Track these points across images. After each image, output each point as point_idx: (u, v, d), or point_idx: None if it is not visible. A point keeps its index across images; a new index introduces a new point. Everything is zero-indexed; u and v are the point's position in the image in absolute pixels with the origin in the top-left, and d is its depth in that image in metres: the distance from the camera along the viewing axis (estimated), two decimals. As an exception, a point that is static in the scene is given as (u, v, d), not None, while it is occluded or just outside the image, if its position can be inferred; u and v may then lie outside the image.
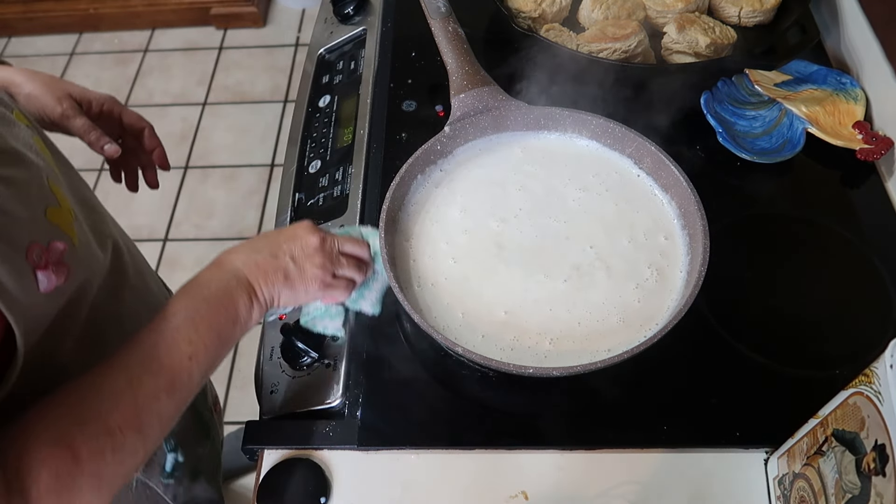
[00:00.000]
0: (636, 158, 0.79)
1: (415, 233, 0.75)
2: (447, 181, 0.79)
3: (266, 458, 0.67)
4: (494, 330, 0.67)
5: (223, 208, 2.06)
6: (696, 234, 0.70)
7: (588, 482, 0.65)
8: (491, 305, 0.69)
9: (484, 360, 0.61)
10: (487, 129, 0.81)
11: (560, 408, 0.70)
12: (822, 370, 0.69)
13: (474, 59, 0.84)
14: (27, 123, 0.58)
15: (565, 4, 0.97)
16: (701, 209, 0.70)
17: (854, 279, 0.77)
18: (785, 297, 0.75)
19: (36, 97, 0.74)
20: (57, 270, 0.51)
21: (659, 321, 0.68)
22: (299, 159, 0.91)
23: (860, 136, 0.85)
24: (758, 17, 0.96)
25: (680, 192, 0.74)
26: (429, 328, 0.63)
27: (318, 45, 1.04)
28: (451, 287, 0.70)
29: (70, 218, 0.55)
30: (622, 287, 0.70)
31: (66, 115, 0.75)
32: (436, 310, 0.69)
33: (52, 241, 0.51)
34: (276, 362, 0.71)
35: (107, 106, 0.80)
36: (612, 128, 0.79)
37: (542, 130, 0.82)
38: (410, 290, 0.70)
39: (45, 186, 0.53)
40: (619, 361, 0.61)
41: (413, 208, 0.76)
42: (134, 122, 0.82)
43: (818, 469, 0.53)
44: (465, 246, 0.74)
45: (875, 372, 0.46)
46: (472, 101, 0.80)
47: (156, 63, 2.42)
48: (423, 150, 0.77)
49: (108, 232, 0.66)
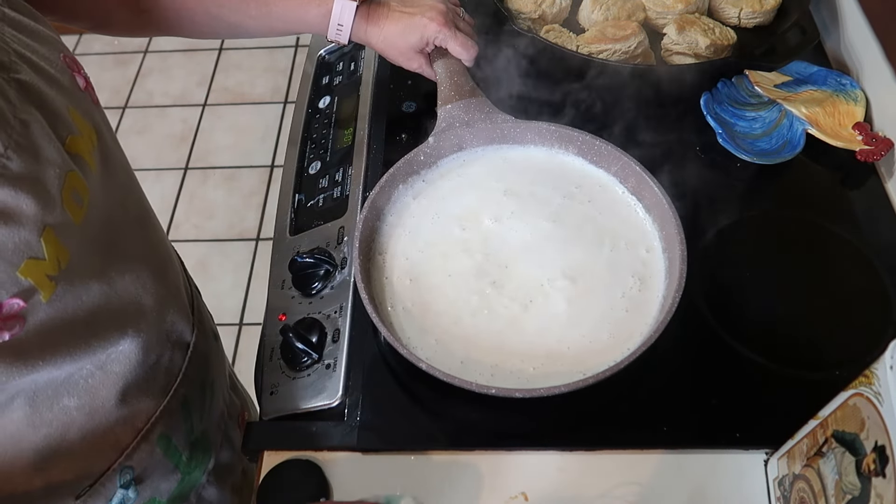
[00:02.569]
0: (621, 177, 0.78)
1: (390, 247, 0.74)
2: (428, 192, 0.78)
3: (266, 459, 0.67)
4: (477, 355, 0.67)
5: (223, 209, 2.06)
6: (675, 258, 0.69)
7: (588, 483, 0.65)
8: (482, 329, 0.68)
9: (468, 384, 0.61)
10: (472, 140, 0.81)
11: (560, 409, 0.70)
12: (822, 371, 0.69)
13: (464, 70, 0.84)
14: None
15: (565, 5, 0.97)
16: (681, 233, 0.69)
17: (854, 280, 0.77)
18: (785, 298, 0.75)
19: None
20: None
21: (637, 340, 0.66)
22: (299, 160, 0.91)
23: (860, 137, 0.85)
24: (757, 19, 0.96)
25: (662, 213, 0.72)
26: (408, 354, 0.63)
27: (318, 46, 1.04)
28: (431, 306, 0.70)
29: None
30: (607, 303, 0.69)
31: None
32: (414, 329, 0.68)
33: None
34: (277, 363, 0.71)
35: None
36: (598, 145, 0.78)
37: (528, 144, 0.81)
38: (385, 310, 0.69)
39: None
40: (599, 380, 0.61)
41: (392, 219, 0.76)
42: None
43: (818, 470, 0.53)
44: (441, 259, 0.73)
45: (875, 373, 0.47)
46: (459, 113, 0.80)
47: (156, 64, 2.42)
48: (404, 161, 0.76)
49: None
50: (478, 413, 0.70)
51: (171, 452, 0.73)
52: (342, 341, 0.71)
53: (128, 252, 0.62)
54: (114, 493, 0.67)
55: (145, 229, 0.69)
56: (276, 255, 0.81)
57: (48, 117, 0.51)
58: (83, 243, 0.54)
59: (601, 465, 0.65)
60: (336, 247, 0.78)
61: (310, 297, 0.75)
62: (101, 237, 0.58)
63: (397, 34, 0.82)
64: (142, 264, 0.64)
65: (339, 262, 0.76)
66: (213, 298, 1.85)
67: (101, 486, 0.66)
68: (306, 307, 0.75)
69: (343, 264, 0.76)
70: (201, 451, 0.78)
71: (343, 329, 0.72)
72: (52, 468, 0.61)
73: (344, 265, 0.76)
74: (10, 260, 0.46)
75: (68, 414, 0.59)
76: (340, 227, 0.79)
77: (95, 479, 0.65)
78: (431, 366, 0.62)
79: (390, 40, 0.83)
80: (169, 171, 2.16)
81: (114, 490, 0.67)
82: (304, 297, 0.75)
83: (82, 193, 0.54)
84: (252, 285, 1.90)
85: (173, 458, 0.73)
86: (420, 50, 0.84)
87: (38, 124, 0.50)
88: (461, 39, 0.83)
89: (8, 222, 0.46)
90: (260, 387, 0.71)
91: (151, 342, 0.65)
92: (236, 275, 1.91)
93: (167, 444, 0.71)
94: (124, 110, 2.32)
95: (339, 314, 0.73)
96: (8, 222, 0.46)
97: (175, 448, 0.73)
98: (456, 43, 0.82)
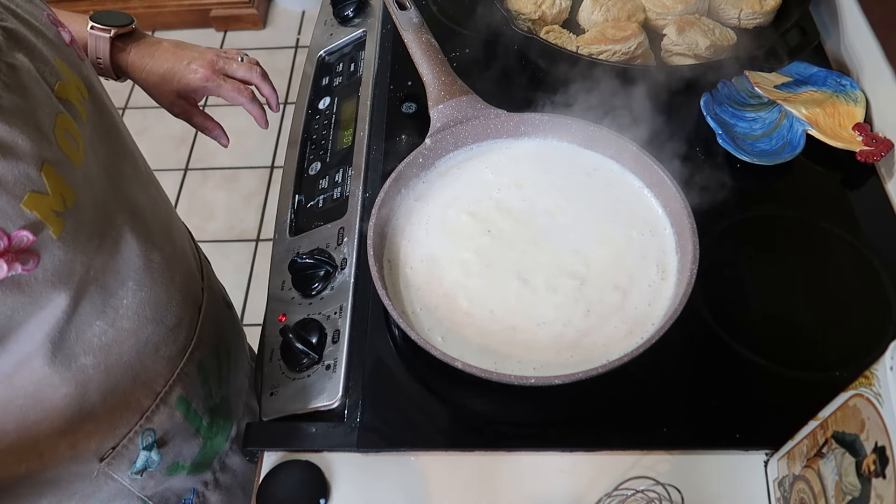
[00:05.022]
0: (618, 159, 0.79)
1: (401, 254, 0.74)
2: (430, 192, 0.78)
3: (266, 459, 0.67)
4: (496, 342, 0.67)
5: (223, 210, 2.06)
6: (685, 232, 0.70)
7: (588, 483, 0.65)
8: (495, 321, 0.69)
9: (485, 373, 0.61)
10: (468, 138, 0.81)
11: (560, 409, 0.70)
12: (822, 372, 0.69)
13: (450, 69, 0.84)
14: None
15: (565, 6, 0.97)
16: (687, 207, 0.70)
17: (854, 281, 0.76)
18: (785, 298, 0.75)
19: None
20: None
21: (655, 323, 0.68)
22: (299, 161, 0.91)
23: (860, 137, 0.85)
24: (757, 19, 0.96)
25: (665, 191, 0.74)
26: (426, 344, 0.63)
27: (318, 47, 1.04)
28: (446, 303, 0.70)
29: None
30: (623, 292, 0.70)
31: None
32: (428, 324, 0.68)
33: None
34: (276, 364, 0.71)
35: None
36: (593, 130, 0.79)
37: (522, 137, 0.82)
38: (408, 317, 0.69)
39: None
40: (620, 364, 0.61)
41: (399, 226, 0.76)
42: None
43: (818, 471, 0.53)
44: (456, 260, 0.73)
45: (875, 374, 0.46)
46: (452, 112, 0.80)
47: (156, 65, 2.42)
48: (405, 164, 0.76)
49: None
50: (478, 413, 0.70)
51: (191, 416, 0.75)
52: (342, 342, 0.71)
53: (131, 204, 0.64)
54: (137, 455, 0.70)
55: (145, 187, 0.69)
56: (275, 255, 0.81)
57: (35, 63, 0.53)
58: (86, 186, 0.55)
59: (601, 466, 0.65)
60: (336, 248, 0.78)
61: (310, 297, 0.75)
62: (103, 183, 0.59)
63: (159, 77, 0.81)
64: (146, 218, 0.65)
65: (339, 263, 0.76)
66: (213, 299, 1.86)
67: (124, 449, 0.68)
68: (306, 308, 0.75)
69: (343, 265, 0.76)
70: (222, 418, 0.81)
71: (343, 330, 0.72)
72: (76, 431, 0.63)
73: (344, 266, 0.76)
74: (12, 192, 0.48)
75: (85, 373, 0.61)
76: (340, 228, 0.79)
77: (118, 442, 0.67)
78: (468, 364, 0.62)
79: (151, 81, 0.82)
80: (169, 171, 2.16)
81: (136, 452, 0.70)
82: (304, 298, 0.75)
83: (76, 137, 0.55)
84: (252, 286, 1.90)
85: (194, 422, 0.76)
86: (184, 97, 0.83)
87: (26, 69, 0.51)
88: (231, 86, 0.83)
89: (6, 155, 0.48)
90: (260, 387, 0.71)
91: (161, 299, 0.67)
92: (236, 276, 1.91)
93: (186, 407, 0.73)
94: (124, 111, 2.32)
95: (339, 315, 0.73)
96: (6, 155, 0.48)
97: (195, 412, 0.76)
98: (226, 91, 0.83)
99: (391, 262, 0.73)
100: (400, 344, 0.73)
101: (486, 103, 0.82)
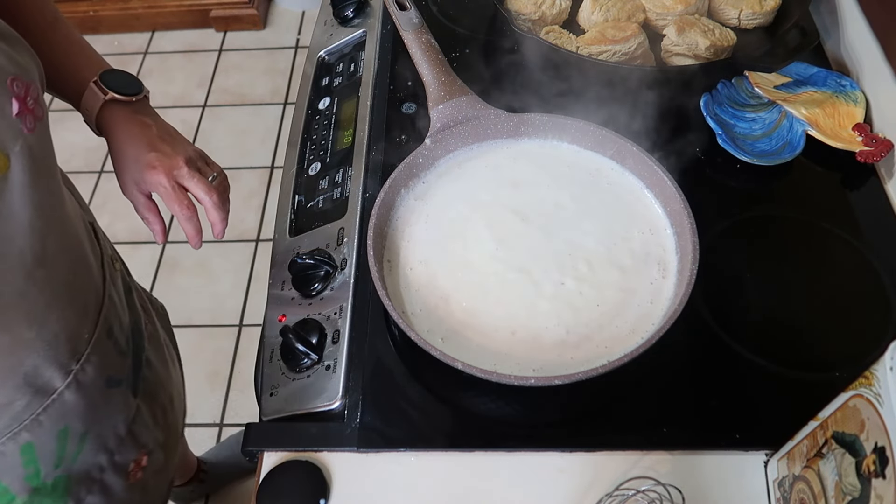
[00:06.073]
0: (618, 160, 0.79)
1: (401, 255, 0.74)
2: (430, 192, 0.78)
3: (266, 459, 0.67)
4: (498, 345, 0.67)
5: (223, 210, 2.06)
6: (685, 232, 0.70)
7: (588, 484, 0.65)
8: (495, 321, 0.69)
9: (484, 373, 0.61)
10: (468, 138, 0.81)
11: (560, 409, 0.70)
12: (822, 372, 0.69)
13: (450, 70, 0.84)
14: None
15: (565, 6, 0.97)
16: (687, 207, 0.71)
17: (854, 281, 0.77)
18: (785, 299, 0.75)
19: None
20: None
21: (655, 323, 0.68)
22: (299, 161, 0.91)
23: (860, 138, 0.85)
24: (757, 20, 0.96)
25: (665, 191, 0.74)
26: (424, 342, 0.63)
27: (318, 47, 1.04)
28: (446, 304, 0.70)
29: None
30: (623, 290, 0.70)
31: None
32: (427, 324, 0.69)
33: None
34: (276, 364, 0.71)
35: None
36: (593, 131, 0.79)
37: (522, 137, 0.82)
38: (408, 317, 0.69)
39: None
40: (621, 365, 0.61)
41: (398, 227, 0.76)
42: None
43: (818, 471, 0.53)
44: (456, 260, 0.73)
45: (875, 374, 0.46)
46: (452, 112, 0.81)
47: (155, 65, 2.42)
48: (404, 165, 0.77)
49: None
50: (478, 414, 0.70)
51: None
52: (342, 342, 0.71)
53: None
54: None
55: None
56: (275, 256, 0.81)
57: None
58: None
59: (601, 466, 0.65)
60: (336, 248, 0.78)
61: (310, 298, 0.75)
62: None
63: (126, 157, 0.75)
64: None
65: (338, 264, 0.76)
66: (213, 299, 1.86)
67: None
68: (306, 308, 0.75)
69: (343, 265, 0.76)
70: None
71: (343, 330, 0.72)
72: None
73: (344, 266, 0.76)
74: None
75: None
76: (340, 229, 0.79)
77: None
78: (468, 364, 0.62)
79: (116, 157, 0.76)
80: (169, 172, 2.16)
81: None
82: (304, 299, 0.76)
83: None
84: (252, 286, 1.90)
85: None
86: (139, 189, 0.77)
87: None
88: (177, 198, 0.77)
89: None
90: (260, 388, 0.71)
91: None
92: (236, 276, 1.91)
93: None
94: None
95: (338, 315, 0.73)
96: None
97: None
98: (169, 201, 0.77)
99: (391, 263, 0.73)
100: (400, 344, 0.73)
101: (485, 103, 0.82)
